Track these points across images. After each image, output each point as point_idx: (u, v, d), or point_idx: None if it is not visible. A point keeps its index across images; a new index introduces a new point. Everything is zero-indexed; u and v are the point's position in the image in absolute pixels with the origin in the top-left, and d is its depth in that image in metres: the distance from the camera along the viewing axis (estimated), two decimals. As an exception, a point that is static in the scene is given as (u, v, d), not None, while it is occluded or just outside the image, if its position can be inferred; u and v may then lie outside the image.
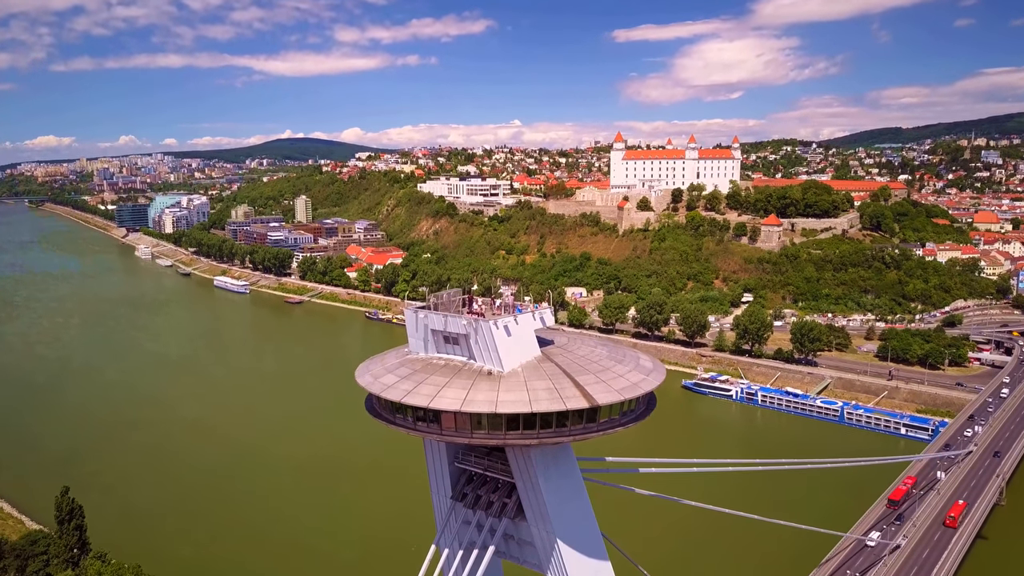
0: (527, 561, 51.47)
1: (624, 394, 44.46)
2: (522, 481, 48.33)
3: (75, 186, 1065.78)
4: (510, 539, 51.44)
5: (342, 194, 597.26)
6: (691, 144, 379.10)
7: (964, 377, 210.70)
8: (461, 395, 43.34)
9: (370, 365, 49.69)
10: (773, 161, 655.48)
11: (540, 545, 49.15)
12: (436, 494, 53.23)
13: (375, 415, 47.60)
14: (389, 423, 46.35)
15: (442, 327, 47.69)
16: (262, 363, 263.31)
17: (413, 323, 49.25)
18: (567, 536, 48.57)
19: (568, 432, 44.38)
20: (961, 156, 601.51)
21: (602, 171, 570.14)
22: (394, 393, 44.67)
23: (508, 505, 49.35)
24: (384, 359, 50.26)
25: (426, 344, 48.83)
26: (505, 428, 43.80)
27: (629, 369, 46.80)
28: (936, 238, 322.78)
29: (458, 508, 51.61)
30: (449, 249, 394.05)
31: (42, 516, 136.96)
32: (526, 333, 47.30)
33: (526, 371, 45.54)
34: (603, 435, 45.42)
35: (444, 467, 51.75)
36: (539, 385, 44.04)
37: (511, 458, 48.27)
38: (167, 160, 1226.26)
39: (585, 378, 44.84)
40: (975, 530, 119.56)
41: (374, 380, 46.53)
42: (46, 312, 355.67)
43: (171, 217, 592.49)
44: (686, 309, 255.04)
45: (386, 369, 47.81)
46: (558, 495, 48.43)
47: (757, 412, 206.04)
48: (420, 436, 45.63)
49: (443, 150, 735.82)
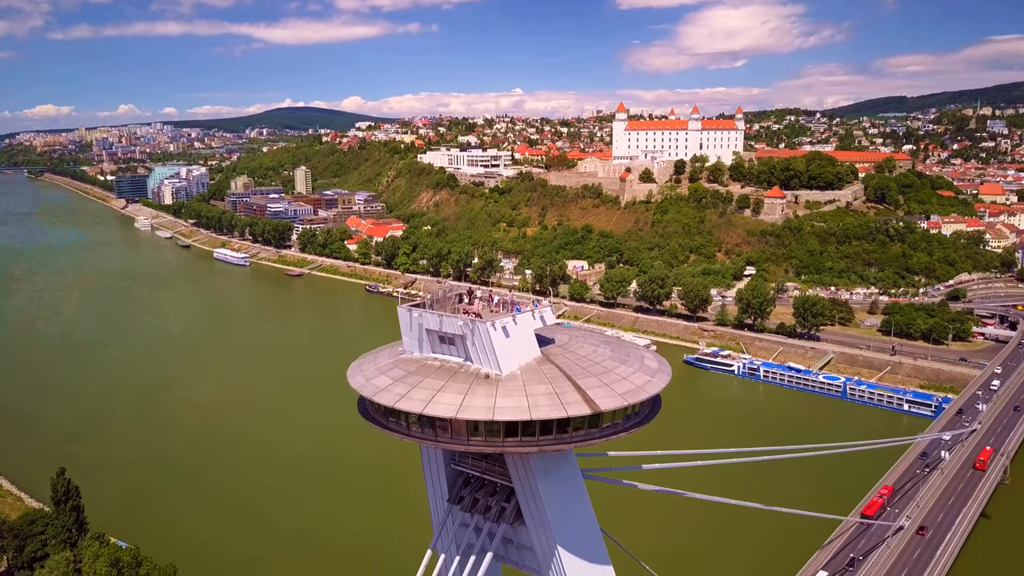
0: (527, 566, 50.13)
1: (628, 398, 42.65)
2: (521, 486, 46.85)
3: (74, 156, 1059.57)
4: (509, 543, 50.09)
5: (342, 165, 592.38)
6: (694, 115, 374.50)
7: (968, 352, 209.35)
8: (457, 400, 41.50)
9: (362, 365, 47.70)
10: (776, 131, 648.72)
11: (540, 551, 47.79)
12: (432, 497, 51.68)
13: (367, 418, 45.81)
14: (382, 428, 44.61)
15: (437, 327, 45.80)
16: (264, 338, 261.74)
17: (407, 322, 47.21)
18: (567, 542, 47.14)
19: (569, 439, 42.66)
20: (966, 126, 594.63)
21: (604, 141, 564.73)
22: (387, 397, 42.86)
23: (507, 510, 47.85)
24: (377, 358, 48.28)
25: (420, 344, 46.91)
26: (503, 435, 42.08)
27: (633, 371, 44.87)
28: (941, 210, 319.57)
29: (455, 511, 50.14)
30: (450, 221, 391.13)
31: (41, 494, 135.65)
32: (525, 334, 45.34)
33: (525, 374, 43.69)
34: (606, 441, 43.70)
35: (440, 469, 50.18)
36: (539, 390, 42.24)
37: (509, 463, 46.74)
38: (166, 130, 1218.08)
39: (587, 381, 42.98)
40: (980, 507, 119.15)
41: (366, 382, 44.66)
42: (47, 286, 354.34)
43: (170, 188, 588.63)
44: (688, 283, 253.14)
45: (379, 370, 45.90)
46: (558, 500, 46.95)
47: (759, 387, 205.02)
48: (414, 442, 43.88)
49: (444, 119, 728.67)
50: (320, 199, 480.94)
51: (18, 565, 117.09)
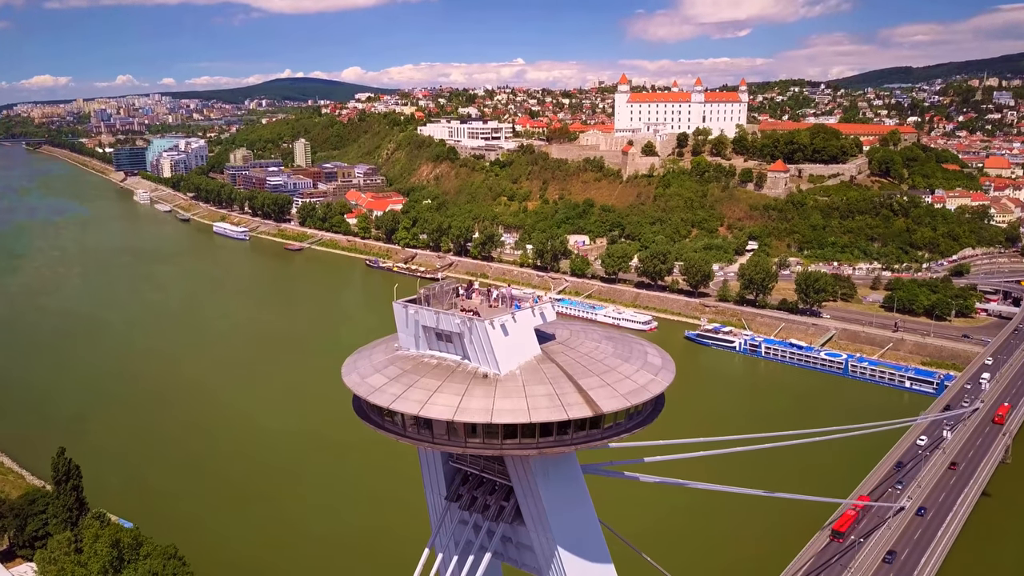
0: (526, 564, 49.33)
1: (631, 399, 41.44)
2: (520, 486, 45.90)
3: (72, 128, 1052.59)
4: (508, 542, 49.26)
5: (341, 137, 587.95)
6: (697, 87, 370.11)
7: (971, 328, 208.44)
8: (454, 402, 40.31)
9: (357, 361, 46.45)
10: (780, 102, 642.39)
11: (539, 551, 46.97)
12: (430, 494, 50.75)
13: (363, 417, 44.72)
14: (377, 427, 43.57)
15: (434, 324, 44.46)
16: (265, 316, 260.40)
17: (403, 318, 45.85)
18: (567, 542, 46.31)
19: (570, 440, 41.56)
20: (972, 97, 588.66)
21: (606, 113, 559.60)
22: (382, 397, 41.68)
23: (506, 509, 46.93)
24: (372, 354, 47.02)
25: (417, 340, 45.61)
26: (502, 437, 41.01)
27: (636, 369, 43.59)
28: (946, 184, 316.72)
29: (453, 509, 49.24)
30: (450, 195, 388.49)
31: (42, 471, 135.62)
32: (525, 331, 43.98)
33: (525, 374, 42.47)
34: (607, 443, 42.70)
35: (438, 467, 49.17)
36: (539, 390, 41.05)
37: (509, 463, 45.74)
38: (165, 101, 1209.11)
39: (588, 381, 41.77)
40: (981, 486, 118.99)
41: (361, 380, 43.46)
42: (47, 261, 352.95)
43: (169, 161, 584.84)
44: (690, 258, 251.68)
45: (374, 368, 44.66)
46: (558, 501, 45.98)
47: (760, 364, 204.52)
48: (410, 443, 42.86)
49: (444, 90, 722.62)
50: (320, 172, 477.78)
51: (19, 544, 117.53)
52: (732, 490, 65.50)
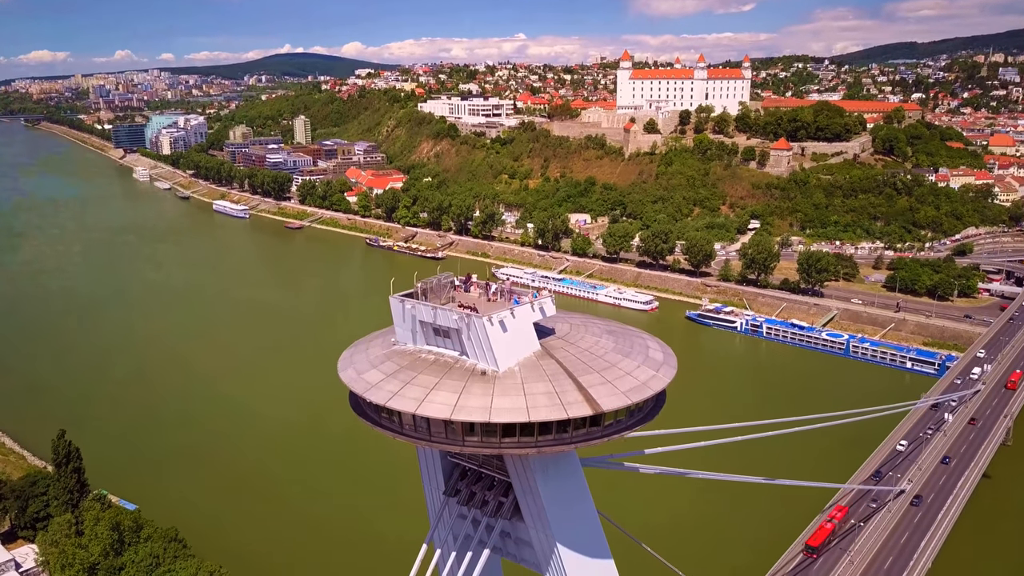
0: (525, 560, 48.94)
1: (632, 396, 40.69)
2: (519, 483, 45.34)
3: (71, 104, 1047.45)
4: (507, 537, 48.82)
5: (341, 114, 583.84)
6: (700, 63, 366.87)
7: (973, 309, 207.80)
8: (452, 400, 39.57)
9: (354, 355, 45.64)
10: (784, 79, 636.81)
11: (538, 547, 46.55)
12: (428, 488, 50.24)
13: (359, 413, 44.02)
14: (374, 424, 42.91)
15: (431, 319, 43.63)
16: (266, 296, 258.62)
17: (400, 313, 44.97)
18: (567, 539, 45.87)
19: (570, 439, 40.86)
20: (977, 73, 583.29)
21: (608, 89, 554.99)
22: (379, 395, 40.96)
23: (504, 504, 46.42)
24: (369, 348, 46.25)
25: (414, 335, 44.80)
26: (501, 435, 40.32)
27: (637, 364, 42.81)
28: (950, 163, 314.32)
29: (452, 504, 48.70)
30: (450, 173, 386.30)
31: (43, 451, 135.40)
32: (524, 327, 43.14)
33: (524, 370, 41.71)
34: (608, 440, 42.04)
35: (436, 461, 48.57)
36: (538, 388, 40.31)
37: (508, 460, 45.13)
38: (164, 76, 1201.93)
39: (589, 378, 41.00)
40: (981, 470, 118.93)
41: (357, 377, 42.76)
42: (48, 240, 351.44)
43: (168, 138, 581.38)
44: (692, 237, 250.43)
45: (371, 363, 43.92)
46: (558, 497, 45.46)
47: (762, 344, 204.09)
48: (407, 442, 42.21)
49: (444, 66, 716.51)
50: (319, 149, 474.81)
51: (21, 525, 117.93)
52: (733, 478, 65.19)
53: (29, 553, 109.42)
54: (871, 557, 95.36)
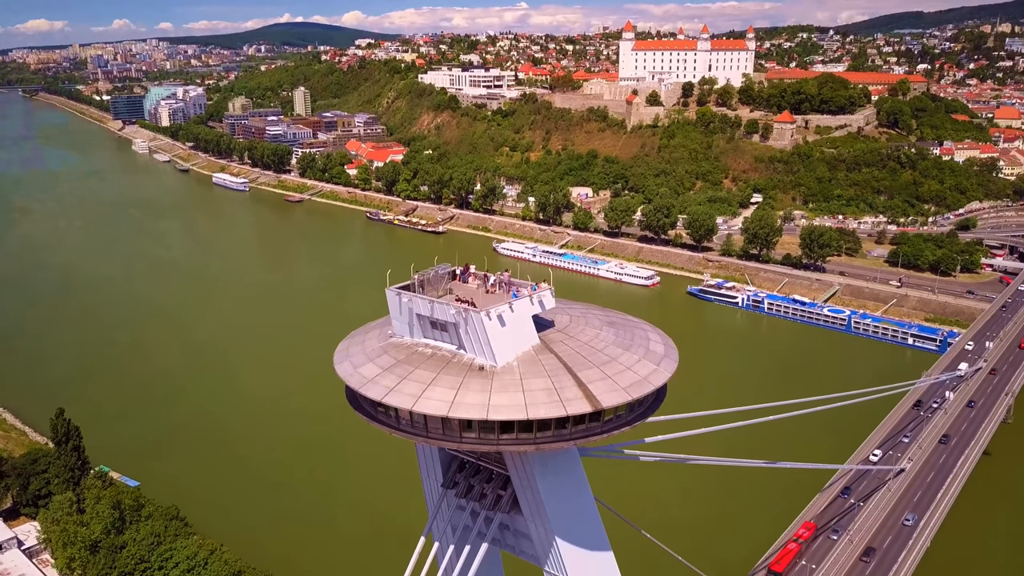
0: (524, 552, 48.75)
1: (632, 392, 40.11)
2: (518, 479, 44.94)
3: (69, 74, 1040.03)
4: (506, 530, 48.58)
5: (341, 85, 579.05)
6: (703, 34, 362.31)
7: (975, 284, 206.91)
8: (449, 396, 38.97)
9: (350, 348, 44.96)
10: (788, 49, 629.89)
11: (537, 540, 46.29)
12: (426, 480, 49.86)
13: (356, 407, 43.44)
14: (370, 419, 42.38)
15: (428, 313, 42.87)
16: (267, 272, 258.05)
17: (396, 305, 44.19)
18: (566, 532, 45.61)
19: (569, 436, 40.32)
20: (984, 44, 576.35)
21: (610, 60, 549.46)
22: (375, 390, 40.37)
23: (503, 498, 46.06)
24: (365, 340, 45.60)
25: (411, 328, 44.07)
26: (499, 432, 39.78)
27: (638, 358, 42.16)
28: (955, 135, 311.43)
29: (450, 496, 48.30)
30: (451, 145, 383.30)
31: (45, 427, 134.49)
32: (523, 321, 42.37)
33: (522, 366, 41.01)
34: (608, 437, 41.53)
35: (434, 453, 48.00)
36: (537, 384, 39.65)
37: (506, 455, 44.61)
38: (162, 46, 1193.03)
39: (588, 373, 40.35)
40: (983, 446, 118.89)
41: (354, 370, 42.16)
42: (48, 214, 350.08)
43: (167, 109, 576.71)
44: (694, 211, 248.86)
45: (367, 356, 43.29)
46: (557, 492, 45.07)
47: (763, 320, 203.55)
48: (403, 437, 41.69)
49: (445, 36, 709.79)
50: (319, 121, 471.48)
51: (23, 502, 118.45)
52: (734, 462, 64.95)
53: (31, 530, 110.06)
54: (870, 535, 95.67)
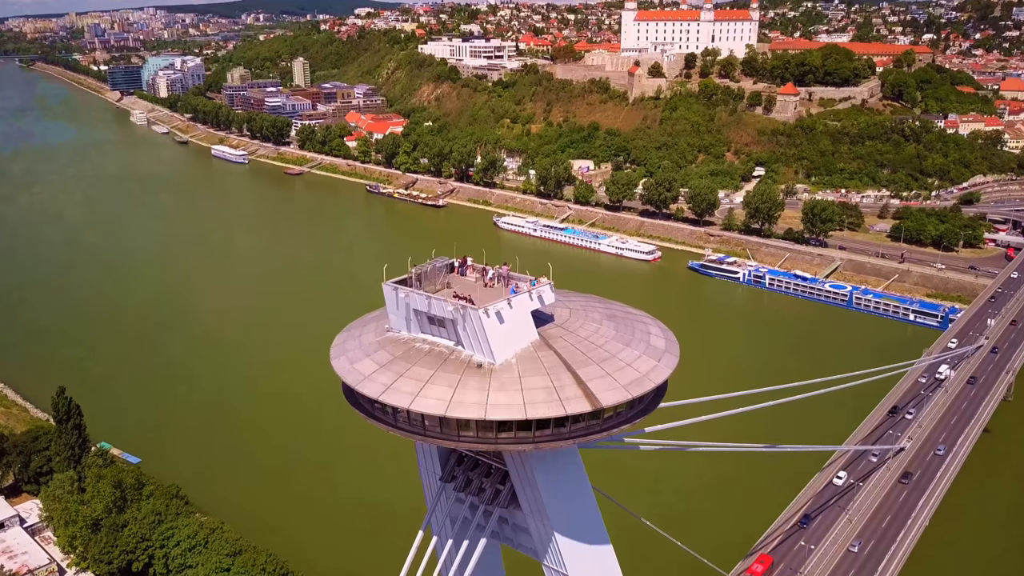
0: (523, 546, 48.57)
1: (632, 390, 39.58)
2: (517, 474, 44.60)
3: (66, 44, 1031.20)
4: (505, 523, 48.34)
5: (340, 55, 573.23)
6: (706, 4, 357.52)
7: (978, 260, 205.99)
8: (447, 394, 38.40)
9: (346, 342, 44.31)
10: (792, 18, 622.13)
11: (536, 535, 46.10)
12: (425, 474, 49.57)
13: (352, 403, 42.93)
14: (367, 416, 41.89)
15: (426, 308, 42.15)
16: (270, 247, 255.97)
17: (393, 301, 43.46)
18: (565, 528, 45.39)
19: (568, 434, 39.85)
20: (991, 13, 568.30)
21: (612, 30, 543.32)
22: (372, 388, 39.83)
23: (502, 493, 45.74)
24: (362, 334, 44.94)
25: (408, 323, 43.42)
26: (497, 431, 39.31)
27: (639, 354, 41.50)
28: (960, 108, 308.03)
29: (448, 490, 48.00)
30: (451, 117, 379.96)
31: (47, 404, 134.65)
32: (521, 317, 41.72)
33: (521, 363, 40.37)
34: (608, 435, 41.06)
35: (432, 447, 47.50)
36: (536, 383, 39.03)
37: (505, 453, 44.13)
38: (160, 15, 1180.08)
39: (588, 371, 39.74)
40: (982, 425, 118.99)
41: (350, 367, 41.61)
42: (48, 188, 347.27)
43: (165, 80, 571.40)
44: (695, 185, 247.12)
45: (364, 352, 42.67)
46: (556, 488, 44.76)
47: (764, 296, 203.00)
48: (400, 436, 41.24)
49: (445, 5, 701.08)
50: (319, 92, 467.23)
51: (25, 480, 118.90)
52: (734, 448, 64.89)
53: (33, 508, 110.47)
54: (869, 515, 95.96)
